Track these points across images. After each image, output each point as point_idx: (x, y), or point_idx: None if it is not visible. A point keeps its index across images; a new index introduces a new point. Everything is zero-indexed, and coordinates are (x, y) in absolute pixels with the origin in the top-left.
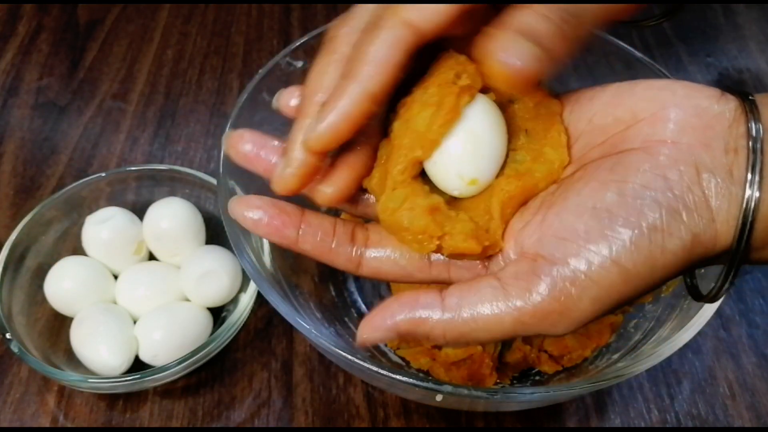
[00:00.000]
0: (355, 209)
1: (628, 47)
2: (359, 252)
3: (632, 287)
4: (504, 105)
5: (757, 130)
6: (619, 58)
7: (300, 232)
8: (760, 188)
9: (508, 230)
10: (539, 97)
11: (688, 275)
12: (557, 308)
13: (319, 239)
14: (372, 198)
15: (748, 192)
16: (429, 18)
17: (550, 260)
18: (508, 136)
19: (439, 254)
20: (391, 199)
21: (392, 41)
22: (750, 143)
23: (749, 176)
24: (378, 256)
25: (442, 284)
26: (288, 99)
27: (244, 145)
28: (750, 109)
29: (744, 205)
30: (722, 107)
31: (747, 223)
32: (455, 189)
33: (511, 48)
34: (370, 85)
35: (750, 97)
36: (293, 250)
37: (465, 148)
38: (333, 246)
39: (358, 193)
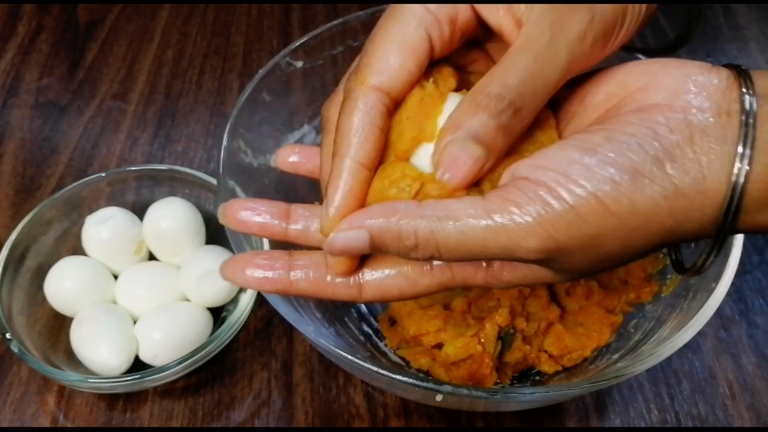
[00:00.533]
0: None
1: (629, 47)
2: (357, 277)
3: (611, 227)
4: None
5: (751, 94)
6: (619, 58)
7: (291, 276)
8: (752, 147)
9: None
10: None
11: (673, 249)
12: (529, 222)
13: (312, 276)
14: None
15: (740, 149)
16: (393, 79)
17: (533, 181)
18: None
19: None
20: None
21: (366, 110)
22: (743, 105)
23: (742, 136)
24: (378, 275)
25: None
26: (286, 156)
27: (240, 212)
28: (742, 76)
29: (736, 163)
30: (714, 75)
31: (738, 184)
32: None
33: (456, 159)
34: (359, 155)
35: (742, 67)
36: (290, 294)
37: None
38: (328, 279)
39: None
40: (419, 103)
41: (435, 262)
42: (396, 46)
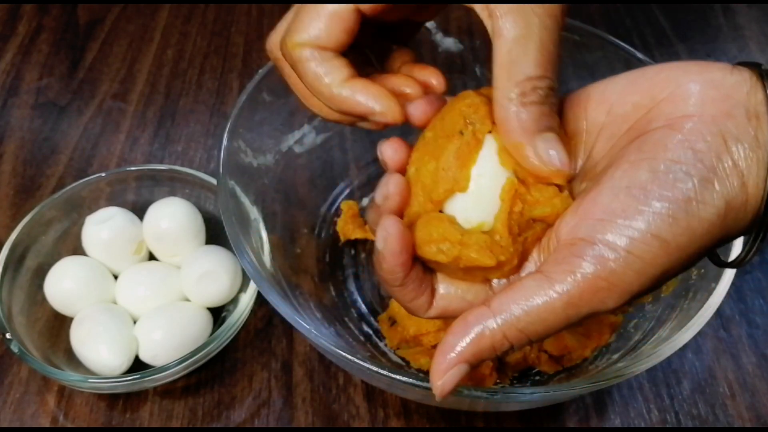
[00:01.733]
0: None
1: (628, 47)
2: (431, 292)
3: (674, 259)
4: None
5: None
6: (619, 58)
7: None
8: None
9: (550, 230)
10: None
11: None
12: (604, 285)
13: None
14: None
15: None
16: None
17: (589, 240)
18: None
19: (501, 279)
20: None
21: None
22: None
23: None
24: (446, 292)
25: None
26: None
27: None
28: (764, 77)
29: None
30: (736, 77)
31: None
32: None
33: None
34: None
35: (762, 66)
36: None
37: (470, 197)
38: (421, 288)
39: None
40: (456, 152)
41: (495, 283)
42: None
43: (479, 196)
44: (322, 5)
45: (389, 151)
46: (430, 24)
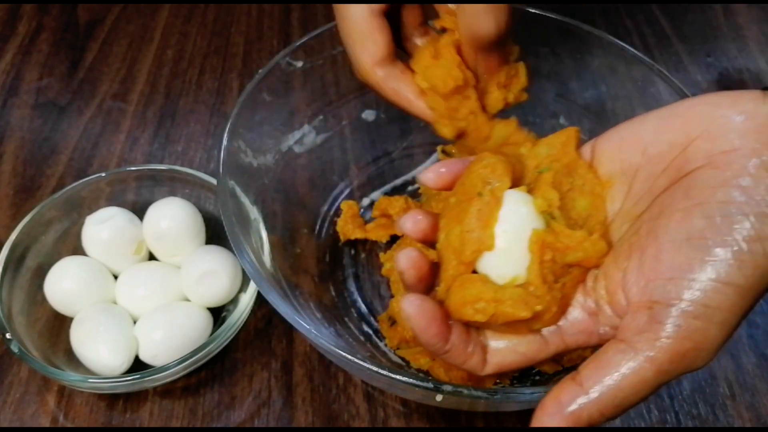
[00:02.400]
0: None
1: (629, 47)
2: (481, 350)
3: (750, 299)
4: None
5: None
6: (620, 58)
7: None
8: None
9: (609, 280)
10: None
11: None
12: (690, 345)
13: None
14: None
15: None
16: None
17: (665, 303)
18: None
19: (550, 327)
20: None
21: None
22: None
23: None
24: (498, 347)
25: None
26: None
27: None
28: None
29: None
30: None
31: None
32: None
33: None
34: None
35: None
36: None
37: (498, 254)
38: (469, 350)
39: None
40: (477, 214)
41: (545, 332)
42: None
43: (508, 252)
44: (355, 28)
45: (409, 224)
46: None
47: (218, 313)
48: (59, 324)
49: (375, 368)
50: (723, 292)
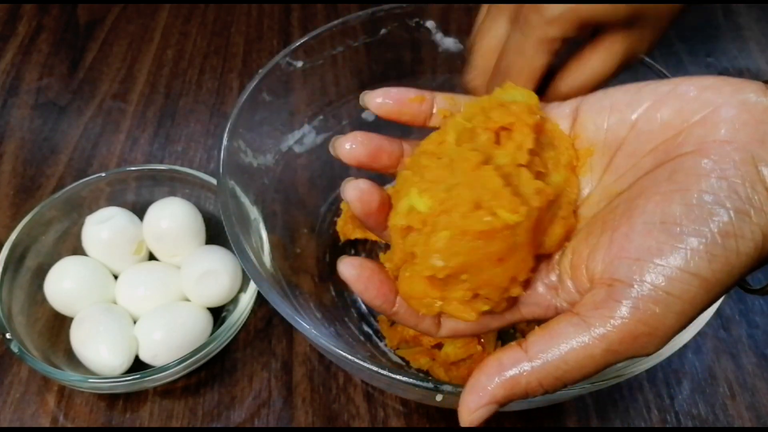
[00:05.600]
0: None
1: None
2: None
3: (713, 294)
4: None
5: None
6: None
7: (396, 306)
8: None
9: (576, 255)
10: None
11: None
12: (644, 330)
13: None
14: None
15: None
16: None
17: (627, 283)
18: None
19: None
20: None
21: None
22: None
23: None
24: (454, 324)
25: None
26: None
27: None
28: None
29: None
30: None
31: None
32: None
33: None
34: None
35: None
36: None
37: None
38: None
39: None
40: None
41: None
42: None
43: None
44: None
45: (346, 145)
46: (429, 24)
47: (218, 313)
48: (59, 324)
49: (375, 368)
50: (688, 282)
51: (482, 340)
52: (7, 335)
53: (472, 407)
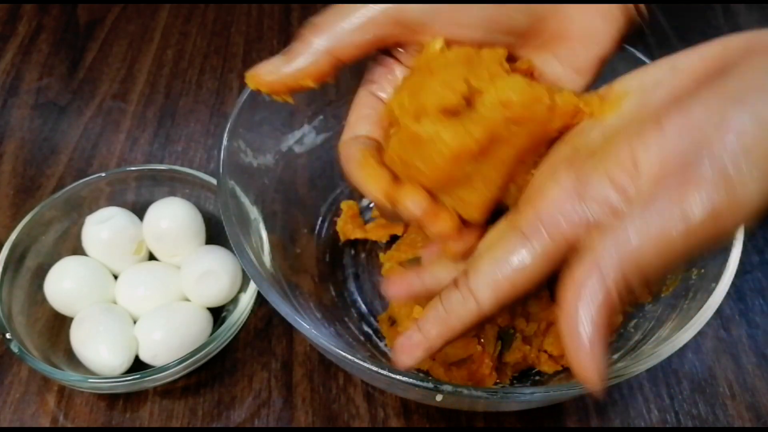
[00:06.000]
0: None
1: (629, 47)
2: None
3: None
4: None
5: None
6: (620, 58)
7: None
8: None
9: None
10: None
11: None
12: (724, 200)
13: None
14: None
15: None
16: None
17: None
18: None
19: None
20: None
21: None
22: None
23: None
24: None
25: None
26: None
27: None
28: None
29: None
30: None
31: None
32: None
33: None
34: None
35: None
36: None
37: None
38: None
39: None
40: None
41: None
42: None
43: None
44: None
45: None
46: None
47: (218, 313)
48: (59, 324)
49: (375, 368)
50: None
51: (482, 340)
52: (7, 335)
53: (586, 352)
